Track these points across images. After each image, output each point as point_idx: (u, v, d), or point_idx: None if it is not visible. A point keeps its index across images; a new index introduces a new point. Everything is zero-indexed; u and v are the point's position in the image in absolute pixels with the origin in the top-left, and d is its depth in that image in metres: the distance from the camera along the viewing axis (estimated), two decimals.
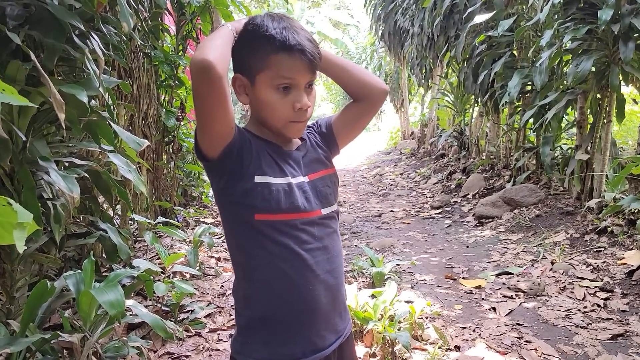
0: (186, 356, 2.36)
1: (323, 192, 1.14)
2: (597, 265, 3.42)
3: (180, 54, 4.43)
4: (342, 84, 1.25)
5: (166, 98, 4.57)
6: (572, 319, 2.79)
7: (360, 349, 2.40)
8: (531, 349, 2.44)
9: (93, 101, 2.18)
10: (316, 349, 1.10)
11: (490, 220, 5.16)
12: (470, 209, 5.76)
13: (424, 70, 9.98)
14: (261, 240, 1.06)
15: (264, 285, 1.08)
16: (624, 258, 3.40)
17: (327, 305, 1.12)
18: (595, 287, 3.13)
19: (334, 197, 1.18)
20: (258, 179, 1.05)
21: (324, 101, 26.65)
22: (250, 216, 1.05)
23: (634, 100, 4.89)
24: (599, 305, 2.91)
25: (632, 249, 3.51)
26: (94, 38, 2.00)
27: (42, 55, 1.85)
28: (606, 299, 2.98)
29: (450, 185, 7.21)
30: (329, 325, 1.13)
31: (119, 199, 2.66)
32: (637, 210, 3.71)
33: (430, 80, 10.08)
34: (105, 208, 2.86)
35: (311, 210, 1.10)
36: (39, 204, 1.82)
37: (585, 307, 2.92)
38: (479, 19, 5.66)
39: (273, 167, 1.08)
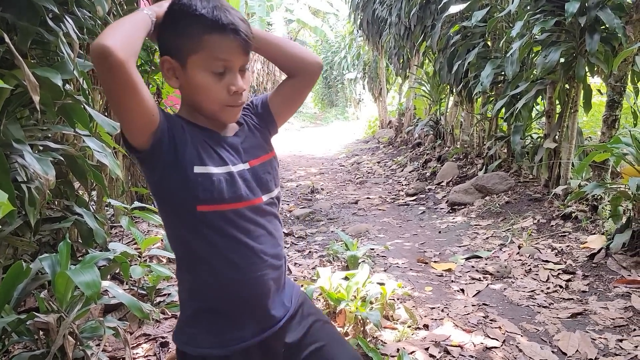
0: (162, 337, 2.41)
1: (264, 179, 1.11)
2: (562, 249, 3.57)
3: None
4: (276, 61, 1.20)
5: None
6: (535, 299, 2.92)
7: None
8: (495, 327, 2.56)
9: (68, 85, 2.19)
10: (265, 327, 1.11)
11: (462, 206, 5.30)
12: (444, 196, 5.90)
13: (401, 60, 10.06)
14: (205, 231, 1.03)
15: (211, 276, 1.05)
16: (586, 242, 3.56)
17: (273, 287, 1.12)
18: (559, 269, 3.28)
19: (275, 183, 1.16)
20: (198, 169, 1.00)
21: None
22: (192, 208, 1.01)
23: (599, 91, 5.06)
24: (561, 287, 3.05)
25: (594, 233, 3.67)
26: (68, 21, 2.01)
27: (15, 38, 1.85)
28: (568, 280, 3.12)
29: (426, 173, 7.34)
30: (275, 304, 1.13)
31: (94, 183, 2.67)
32: (599, 196, 3.87)
33: (407, 70, 10.17)
34: (81, 193, 2.87)
35: (254, 198, 1.08)
36: (13, 187, 1.83)
37: (549, 288, 3.05)
38: (454, 9, 5.75)
39: (212, 156, 1.04)
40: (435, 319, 2.66)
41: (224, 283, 1.06)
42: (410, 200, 6.13)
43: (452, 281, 3.29)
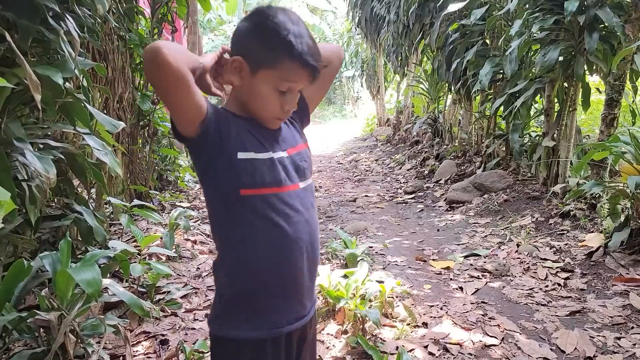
0: (162, 335, 2.42)
1: (301, 167, 1.18)
2: (560, 247, 3.59)
3: (155, 37, 4.40)
4: None
5: (141, 82, 4.54)
6: (534, 297, 2.93)
7: (332, 326, 2.49)
8: (494, 325, 2.57)
9: (68, 83, 2.19)
10: (298, 316, 1.17)
11: (460, 204, 5.31)
12: (442, 194, 5.91)
13: (399, 58, 10.06)
14: (247, 215, 1.09)
15: (250, 259, 1.11)
16: (584, 240, 3.57)
17: (307, 275, 1.17)
18: (557, 267, 3.29)
19: (310, 171, 1.23)
20: (241, 155, 1.07)
21: None
22: (235, 192, 1.08)
23: (597, 89, 5.07)
24: (559, 285, 3.06)
25: (592, 231, 3.69)
26: (68, 19, 2.00)
27: (16, 36, 1.85)
28: (566, 278, 3.14)
29: (424, 171, 7.35)
30: (308, 294, 1.20)
31: (94, 181, 2.67)
32: (598, 194, 3.88)
33: (405, 68, 10.17)
34: (80, 191, 2.87)
35: (292, 183, 1.14)
36: (14, 186, 1.83)
37: (547, 286, 3.07)
38: (453, 7, 5.75)
39: (255, 143, 1.10)
40: (434, 317, 2.67)
41: (263, 267, 1.11)
42: (409, 198, 6.14)
43: (451, 279, 3.30)
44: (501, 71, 5.27)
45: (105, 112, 3.74)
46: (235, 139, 1.08)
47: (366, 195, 6.50)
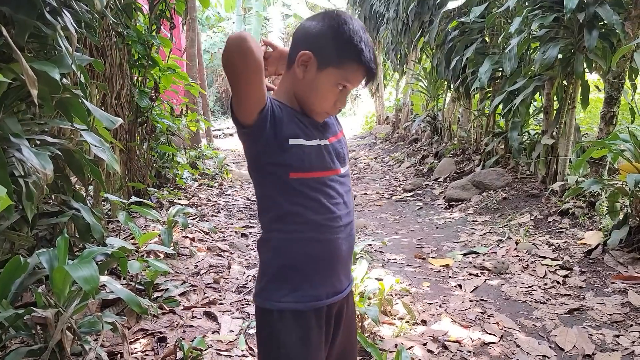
0: (160, 332, 2.41)
1: (341, 153, 1.29)
2: (559, 245, 3.59)
3: (153, 33, 4.37)
4: None
5: (139, 78, 4.52)
6: (532, 295, 2.93)
7: None
8: (493, 323, 2.56)
9: (65, 79, 2.17)
10: (336, 291, 1.25)
11: (459, 202, 5.31)
12: (441, 192, 5.90)
13: (399, 55, 10.05)
14: (295, 196, 1.19)
15: (297, 235, 1.20)
16: (583, 238, 3.57)
17: (345, 253, 1.26)
18: (556, 265, 3.29)
19: (347, 158, 1.34)
20: (293, 141, 1.17)
21: None
22: (286, 175, 1.17)
23: (597, 87, 5.06)
24: (558, 282, 3.06)
25: (591, 229, 3.69)
26: (65, 15, 1.99)
27: (12, 31, 1.83)
28: (565, 276, 3.13)
29: (423, 169, 7.35)
30: (346, 271, 1.29)
31: (91, 178, 2.65)
32: (596, 192, 3.88)
33: (405, 65, 10.16)
34: (78, 188, 2.85)
35: (335, 168, 1.25)
36: (11, 182, 1.82)
37: (546, 284, 3.06)
38: (452, 4, 5.74)
39: (304, 131, 1.20)
40: (433, 315, 2.67)
41: (308, 242, 1.21)
42: (408, 196, 6.14)
43: (450, 277, 3.29)
44: (500, 69, 5.27)
45: (103, 108, 3.72)
46: (287, 127, 1.17)
47: (365, 193, 6.50)
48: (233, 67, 1.07)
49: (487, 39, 5.99)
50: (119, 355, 2.14)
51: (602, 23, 3.87)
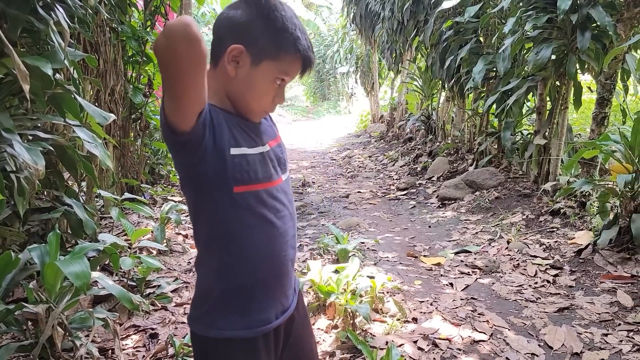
0: (152, 329, 2.41)
1: (282, 159, 1.17)
2: (550, 245, 3.61)
3: (148, 29, 4.36)
4: None
5: (133, 74, 4.51)
6: (523, 293, 2.95)
7: (323, 321, 2.50)
8: (483, 321, 2.58)
9: (58, 74, 2.17)
10: (284, 309, 1.16)
11: (452, 201, 5.33)
12: (435, 191, 5.93)
13: (394, 54, 10.06)
14: (239, 211, 1.06)
15: (241, 255, 1.08)
16: (574, 238, 3.60)
17: (290, 267, 1.18)
18: (546, 264, 3.31)
19: (287, 163, 1.22)
20: (234, 151, 1.03)
21: (295, 83, 26.48)
22: (228, 189, 1.04)
23: (589, 88, 5.09)
24: (548, 282, 3.09)
25: (582, 229, 3.72)
26: (58, 10, 1.98)
27: (5, 26, 1.83)
28: (555, 275, 3.16)
29: (417, 168, 7.37)
30: (291, 283, 1.19)
31: (84, 174, 2.65)
32: (587, 192, 3.91)
33: (400, 65, 10.17)
34: (71, 183, 2.85)
35: (278, 177, 1.13)
36: (2, 177, 1.82)
37: (536, 283, 3.09)
38: (447, 4, 5.76)
39: (245, 138, 1.07)
40: (424, 313, 2.69)
41: (255, 262, 1.09)
42: (401, 195, 6.16)
43: (442, 275, 3.31)
44: (494, 69, 5.29)
45: (96, 104, 3.71)
46: (227, 133, 1.03)
47: (359, 192, 6.51)
48: (175, 58, 0.87)
49: (481, 39, 6.01)
50: (110, 351, 2.15)
51: (594, 24, 3.90)
